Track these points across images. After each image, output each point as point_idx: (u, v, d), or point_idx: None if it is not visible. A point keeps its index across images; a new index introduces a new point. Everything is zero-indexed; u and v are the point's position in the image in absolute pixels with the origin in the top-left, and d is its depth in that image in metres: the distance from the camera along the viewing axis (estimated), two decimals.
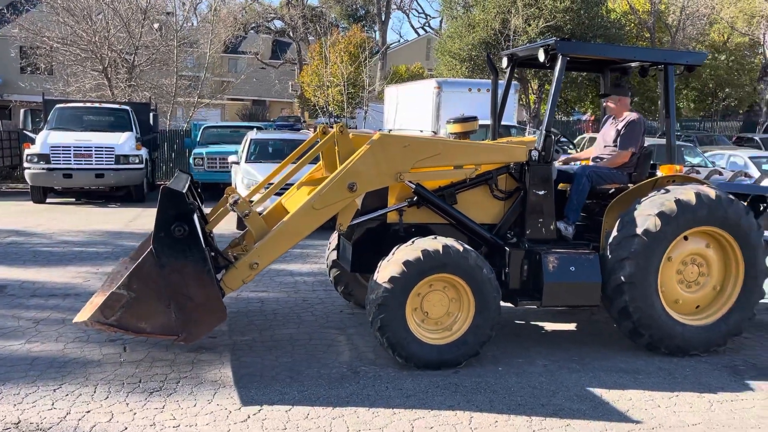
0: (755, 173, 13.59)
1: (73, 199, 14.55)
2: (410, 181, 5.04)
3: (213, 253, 4.96)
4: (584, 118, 36.89)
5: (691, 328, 5.23)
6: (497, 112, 6.23)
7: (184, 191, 4.45)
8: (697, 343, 5.24)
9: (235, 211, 4.95)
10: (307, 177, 5.83)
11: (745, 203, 5.83)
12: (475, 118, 5.73)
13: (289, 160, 5.83)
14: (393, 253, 4.78)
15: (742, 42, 32.61)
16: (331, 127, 5.46)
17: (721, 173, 7.12)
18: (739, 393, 4.57)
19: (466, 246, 4.80)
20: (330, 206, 4.84)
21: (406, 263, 4.61)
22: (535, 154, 5.27)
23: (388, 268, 4.67)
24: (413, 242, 4.78)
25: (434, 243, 4.71)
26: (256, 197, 5.85)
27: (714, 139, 25.62)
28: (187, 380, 4.43)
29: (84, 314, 4.38)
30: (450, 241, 4.76)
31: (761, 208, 6.16)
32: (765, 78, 31.20)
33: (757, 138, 24.93)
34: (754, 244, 5.24)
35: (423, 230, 5.24)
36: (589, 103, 32.38)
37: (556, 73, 5.31)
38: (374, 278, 4.77)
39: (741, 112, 37.40)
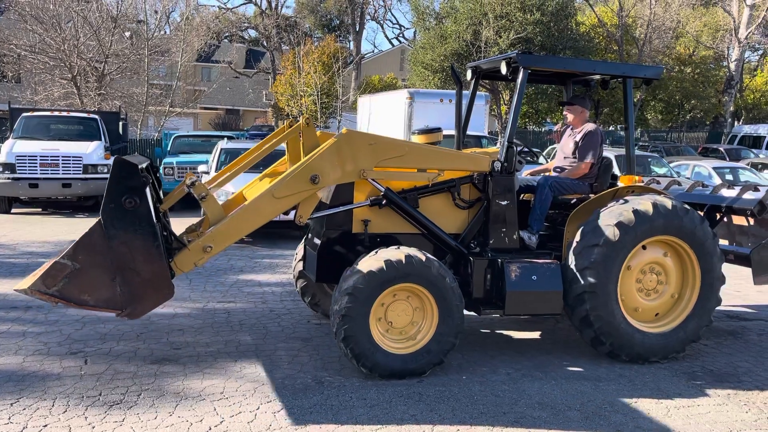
0: (716, 183, 13.92)
1: (40, 210, 14.31)
2: (374, 180, 5.04)
3: (165, 233, 4.81)
4: (555, 128, 37.39)
5: (650, 336, 5.34)
6: (461, 123, 6.31)
7: (138, 166, 4.33)
8: (657, 350, 5.34)
9: (191, 193, 4.77)
10: (271, 170, 5.81)
11: (701, 213, 5.99)
12: (439, 129, 5.81)
13: (255, 151, 5.69)
14: (356, 264, 4.80)
15: (707, 55, 33.46)
16: (297, 120, 5.47)
17: (680, 183, 7.29)
18: (696, 399, 4.68)
19: (429, 256, 4.85)
20: (291, 196, 4.79)
21: (369, 273, 4.64)
22: (497, 164, 5.36)
23: (351, 278, 4.69)
24: (376, 252, 4.82)
25: (397, 253, 4.75)
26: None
27: (680, 149, 26.15)
28: (148, 392, 4.39)
29: (26, 282, 4.17)
30: (413, 251, 4.81)
31: (717, 217, 6.33)
32: (729, 90, 32.00)
33: (721, 149, 25.54)
34: (710, 252, 5.38)
35: (388, 240, 5.27)
36: (560, 113, 32.80)
37: (518, 86, 5.41)
38: (338, 289, 4.78)
39: (707, 123, 38.31)
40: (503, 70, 5.47)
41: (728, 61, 32.15)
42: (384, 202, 5.15)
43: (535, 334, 6.17)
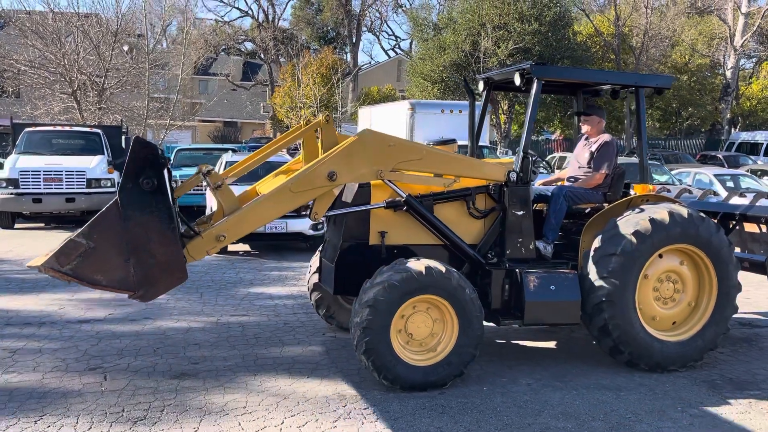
0: (720, 190, 13.98)
1: (43, 225, 14.27)
2: (391, 181, 5.04)
3: (178, 220, 4.70)
4: (553, 137, 37.59)
5: (668, 344, 5.34)
6: (474, 133, 6.34)
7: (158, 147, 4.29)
8: (675, 358, 5.35)
9: (207, 183, 4.72)
10: (285, 167, 5.81)
11: (715, 221, 6.02)
12: (454, 141, 5.82)
13: (272, 146, 5.70)
14: (376, 275, 4.80)
15: (703, 63, 33.68)
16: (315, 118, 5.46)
17: (691, 191, 7.32)
18: (718, 407, 4.68)
19: (449, 267, 4.85)
20: (307, 191, 4.76)
21: (390, 285, 4.64)
22: (513, 175, 5.37)
23: (371, 290, 4.69)
24: (396, 264, 4.82)
25: (417, 264, 4.76)
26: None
27: (679, 157, 26.27)
28: (171, 408, 4.37)
29: (39, 260, 4.11)
30: (432, 262, 4.81)
31: (731, 225, 6.35)
32: (725, 98, 32.20)
33: (720, 156, 25.65)
34: (726, 260, 5.40)
35: (404, 252, 5.28)
36: (557, 122, 33.00)
37: (532, 97, 5.44)
38: (358, 301, 4.78)
39: (703, 130, 38.51)
40: (517, 81, 5.50)
41: (724, 68, 32.37)
42: (404, 208, 5.16)
43: (551, 344, 6.17)
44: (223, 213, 4.75)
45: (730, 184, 16.29)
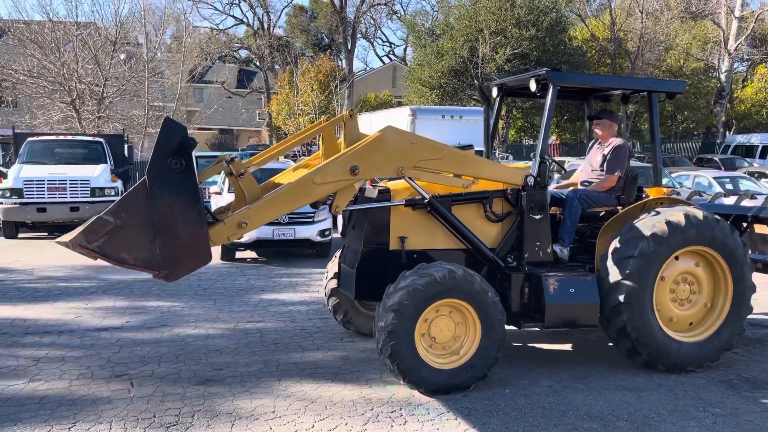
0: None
1: (46, 234, 14.26)
2: (411, 179, 5.10)
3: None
4: (550, 142, 37.66)
5: (685, 345, 5.42)
6: (489, 139, 6.41)
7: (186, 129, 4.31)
8: (692, 359, 5.42)
9: (231, 170, 4.73)
10: (304, 162, 5.86)
11: (728, 222, 6.09)
12: (471, 146, 5.88)
13: (290, 140, 5.77)
14: (400, 280, 4.86)
15: (698, 67, 33.94)
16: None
17: (701, 194, 7.42)
18: (738, 406, 4.75)
19: (471, 271, 4.92)
20: (329, 183, 4.81)
21: (414, 289, 4.70)
22: (531, 179, 5.44)
23: (396, 295, 4.74)
24: (419, 268, 4.88)
25: (440, 268, 4.81)
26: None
27: (676, 160, 26.45)
28: (201, 413, 4.41)
29: (68, 236, 4.14)
30: (455, 266, 4.87)
31: (743, 226, 6.44)
32: (720, 101, 32.45)
33: (716, 159, 25.85)
34: (741, 262, 5.48)
35: (424, 257, 5.33)
36: (554, 127, 33.15)
37: (548, 103, 5.51)
38: (382, 305, 4.83)
39: (696, 133, 38.79)
40: (532, 87, 5.58)
41: (718, 72, 32.64)
42: (428, 209, 5.23)
43: (567, 347, 6.23)
44: (245, 201, 4.78)
45: (729, 186, 16.43)
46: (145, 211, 4.09)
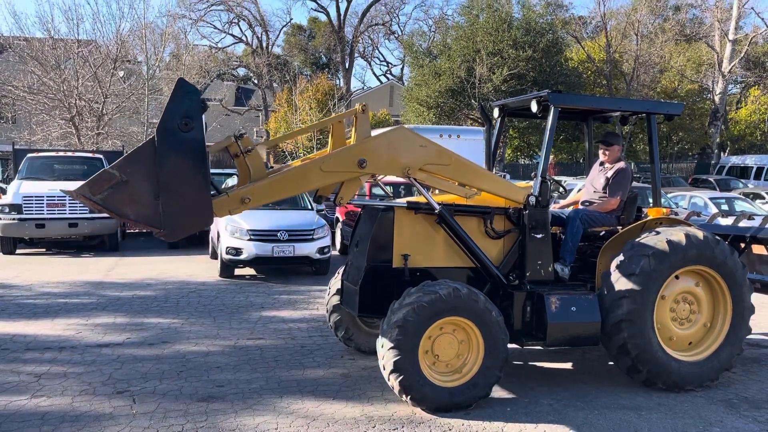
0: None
1: (44, 250, 14.25)
2: (416, 180, 5.14)
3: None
4: None
5: (685, 364, 5.45)
6: (490, 158, 6.48)
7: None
8: (692, 378, 5.45)
9: (238, 148, 4.69)
10: (313, 155, 5.90)
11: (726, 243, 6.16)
12: None
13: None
14: (405, 297, 4.89)
15: (692, 89, 34.31)
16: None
17: (699, 215, 7.49)
18: (739, 426, 4.77)
19: (475, 289, 4.95)
20: (337, 173, 4.86)
21: (419, 306, 4.73)
22: (532, 198, 5.50)
23: (400, 311, 4.77)
24: (424, 285, 4.91)
25: (445, 286, 4.85)
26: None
27: (671, 180, 26.65)
28: (204, 430, 4.41)
29: (72, 186, 4.12)
30: (459, 285, 4.91)
31: (741, 247, 6.50)
32: (714, 122, 32.77)
33: (712, 179, 26.05)
34: (740, 282, 5.53)
35: (427, 275, 5.36)
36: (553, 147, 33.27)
37: (549, 123, 5.59)
38: (386, 321, 4.85)
39: (691, 154, 39.08)
40: (534, 108, 5.66)
41: (713, 94, 32.99)
42: (437, 220, 5.29)
43: (567, 365, 6.25)
44: (249, 178, 4.78)
45: (724, 207, 16.56)
46: (152, 168, 4.11)
